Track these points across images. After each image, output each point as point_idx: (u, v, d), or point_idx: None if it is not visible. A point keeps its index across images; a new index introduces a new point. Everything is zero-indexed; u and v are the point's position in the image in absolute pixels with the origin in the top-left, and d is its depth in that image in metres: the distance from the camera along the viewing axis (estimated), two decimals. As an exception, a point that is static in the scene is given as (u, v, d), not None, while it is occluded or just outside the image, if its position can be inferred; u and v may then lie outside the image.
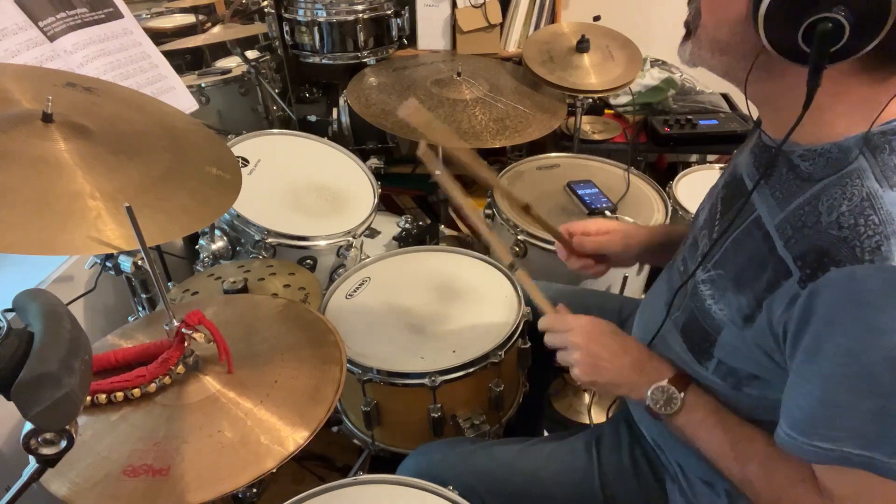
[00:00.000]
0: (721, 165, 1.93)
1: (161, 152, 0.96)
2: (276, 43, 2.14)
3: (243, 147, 1.59)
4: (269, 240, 1.40)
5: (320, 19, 2.01)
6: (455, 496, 0.87)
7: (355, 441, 1.25)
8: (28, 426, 0.54)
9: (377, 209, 1.61)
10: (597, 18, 1.99)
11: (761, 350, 0.70)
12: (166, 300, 0.84)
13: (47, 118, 0.85)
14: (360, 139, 2.20)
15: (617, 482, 0.93)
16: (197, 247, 1.44)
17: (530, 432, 1.47)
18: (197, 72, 2.09)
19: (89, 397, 0.81)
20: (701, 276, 0.79)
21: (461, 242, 2.04)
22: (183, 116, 1.12)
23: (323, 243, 1.46)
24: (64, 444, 0.55)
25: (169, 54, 1.48)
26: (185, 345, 0.85)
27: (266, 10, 2.09)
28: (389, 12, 2.08)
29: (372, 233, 1.62)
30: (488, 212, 1.64)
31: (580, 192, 1.63)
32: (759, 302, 0.68)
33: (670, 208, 1.61)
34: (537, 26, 2.25)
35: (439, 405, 1.12)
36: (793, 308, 0.63)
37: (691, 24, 0.73)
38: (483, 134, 1.67)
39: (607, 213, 1.55)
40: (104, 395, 0.81)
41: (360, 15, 2.01)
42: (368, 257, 1.43)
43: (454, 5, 2.17)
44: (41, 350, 0.52)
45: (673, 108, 2.24)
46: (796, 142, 0.69)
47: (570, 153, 1.88)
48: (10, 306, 0.59)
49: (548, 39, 1.97)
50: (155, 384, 0.83)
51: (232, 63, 2.18)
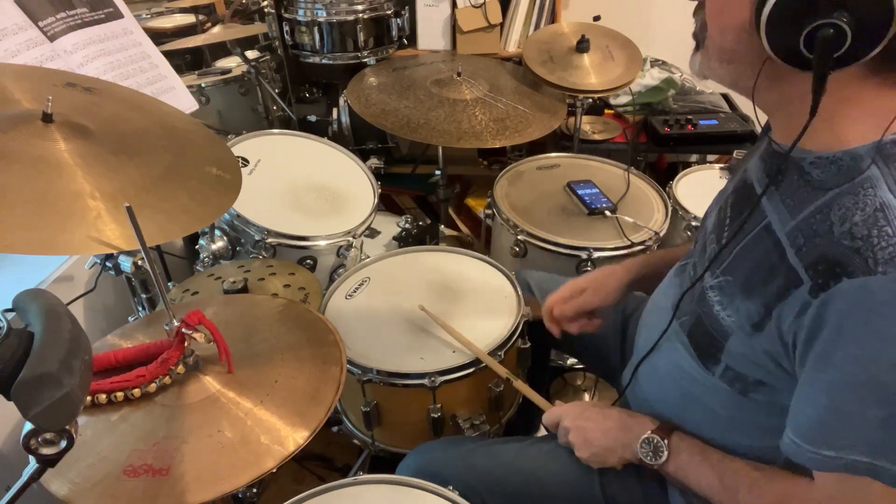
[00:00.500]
0: (721, 165, 1.92)
1: (161, 152, 0.96)
2: (276, 43, 2.14)
3: (243, 147, 1.59)
4: (269, 240, 1.40)
5: (320, 19, 2.01)
6: (455, 496, 0.87)
7: (355, 441, 1.25)
8: (28, 426, 0.54)
9: (377, 209, 1.61)
10: (597, 18, 1.99)
11: (769, 357, 0.70)
12: (166, 300, 0.84)
13: (47, 118, 0.85)
14: (360, 139, 2.20)
15: (617, 481, 0.93)
16: (197, 247, 1.44)
17: (530, 432, 1.47)
18: (197, 72, 2.09)
19: (89, 397, 0.81)
20: (709, 281, 0.78)
21: (461, 242, 2.04)
22: (183, 116, 1.12)
23: (323, 243, 1.46)
24: (64, 444, 0.55)
25: (169, 54, 1.48)
26: (185, 345, 0.85)
27: (266, 10, 2.09)
28: (389, 12, 2.08)
29: (372, 233, 1.63)
30: (488, 212, 1.64)
31: (580, 192, 1.63)
32: (769, 309, 0.68)
33: (670, 208, 1.61)
34: (537, 26, 2.25)
35: (439, 405, 1.12)
36: (804, 317, 0.63)
37: (699, 36, 0.73)
38: (483, 134, 1.67)
39: (607, 213, 1.55)
40: (104, 395, 0.81)
41: (360, 15, 2.01)
42: (368, 257, 1.43)
43: (454, 5, 2.17)
44: (41, 350, 0.52)
45: (673, 108, 2.24)
46: (808, 149, 0.68)
47: (570, 153, 1.88)
48: (10, 306, 0.59)
49: (548, 39, 1.97)
50: (155, 384, 0.83)
51: (232, 63, 2.18)
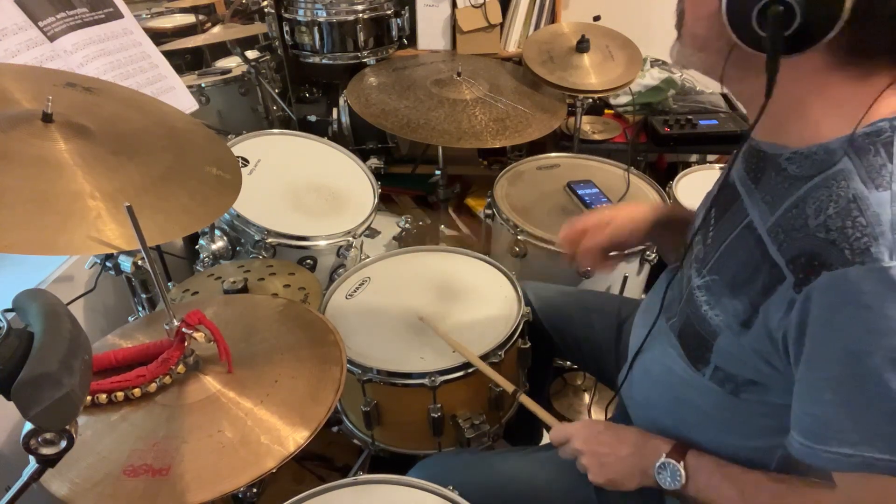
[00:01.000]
0: (721, 165, 1.93)
1: (161, 152, 0.96)
2: (276, 43, 2.15)
3: (243, 147, 1.59)
4: (269, 240, 1.40)
5: (320, 19, 2.01)
6: (455, 496, 0.87)
7: (355, 441, 1.25)
8: (28, 426, 0.54)
9: (377, 209, 1.61)
10: (597, 18, 1.99)
11: (759, 355, 0.70)
12: (166, 300, 0.84)
13: (47, 118, 0.85)
14: (360, 139, 2.20)
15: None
16: (197, 247, 1.44)
17: (530, 433, 1.47)
18: (197, 72, 2.09)
19: (89, 397, 0.81)
20: (696, 281, 0.79)
21: (461, 242, 2.04)
22: (183, 116, 1.12)
23: (323, 243, 1.46)
24: (64, 444, 0.55)
25: (169, 54, 1.48)
26: (186, 344, 0.85)
27: (266, 10, 2.09)
28: (389, 12, 2.08)
29: (372, 233, 1.63)
30: (488, 212, 1.64)
31: (580, 192, 1.63)
32: (755, 307, 0.68)
33: (670, 208, 1.61)
34: (537, 26, 2.25)
35: (439, 405, 1.12)
36: (791, 313, 0.63)
37: (678, 25, 0.74)
38: (483, 134, 1.67)
39: (607, 213, 1.55)
40: (104, 395, 0.81)
41: (360, 15, 2.01)
42: (368, 257, 1.43)
43: (454, 5, 2.17)
44: (41, 350, 0.52)
45: (673, 108, 2.24)
46: (784, 144, 0.69)
47: (570, 153, 1.87)
48: (10, 306, 0.59)
49: (548, 39, 1.97)
50: (155, 384, 0.83)
51: (232, 63, 2.18)
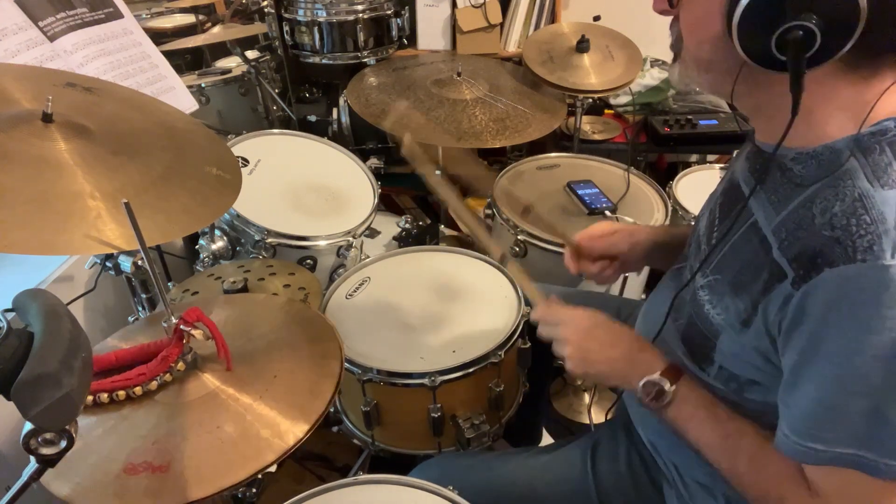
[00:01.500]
0: (721, 165, 1.93)
1: (161, 152, 0.96)
2: (276, 43, 2.15)
3: (243, 147, 1.59)
4: (269, 240, 1.40)
5: (320, 19, 2.01)
6: (455, 496, 0.87)
7: (355, 441, 1.25)
8: (28, 426, 0.54)
9: (377, 209, 1.61)
10: (597, 18, 1.99)
11: (759, 353, 0.71)
12: (166, 300, 0.84)
13: (47, 118, 0.85)
14: (360, 139, 2.20)
15: (613, 491, 0.93)
16: (197, 247, 1.44)
17: (530, 433, 1.47)
18: (197, 72, 2.10)
19: (91, 397, 0.81)
20: (700, 281, 0.79)
21: (461, 242, 2.04)
22: (183, 116, 1.12)
23: (323, 243, 1.46)
24: (64, 444, 0.55)
25: (169, 54, 1.48)
26: (184, 342, 0.85)
27: (266, 10, 2.09)
28: (389, 12, 2.08)
29: (372, 233, 1.63)
30: (488, 212, 1.64)
31: (580, 192, 1.63)
32: (755, 305, 0.68)
33: (670, 208, 1.61)
34: (537, 26, 2.25)
35: (439, 405, 1.12)
36: (786, 308, 0.64)
37: (675, 47, 0.74)
38: (483, 134, 1.67)
39: (607, 213, 1.55)
40: (106, 395, 0.82)
41: (360, 15, 2.01)
42: (368, 257, 1.43)
43: (454, 5, 2.17)
44: (41, 350, 0.52)
45: (673, 108, 2.24)
46: (789, 146, 0.69)
47: (570, 153, 1.88)
48: (10, 306, 0.59)
49: (548, 39, 1.97)
50: (156, 382, 0.83)
51: (232, 63, 2.18)
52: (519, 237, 1.49)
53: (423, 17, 2.23)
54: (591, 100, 2.27)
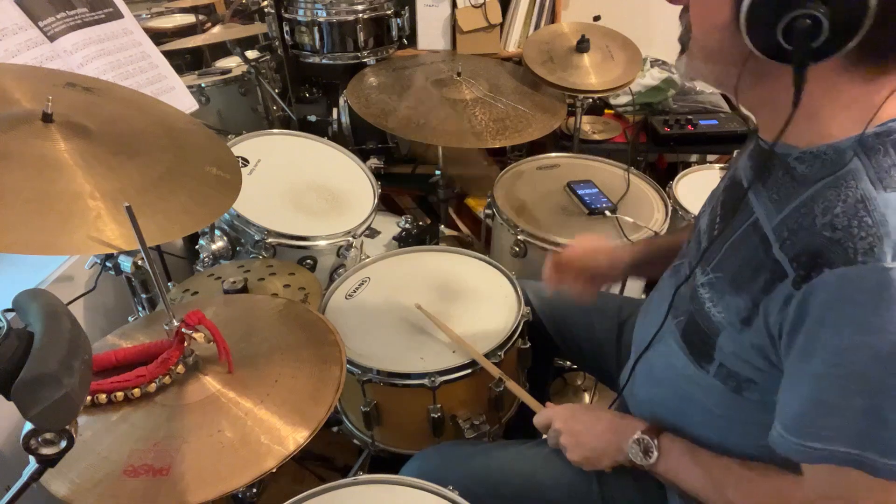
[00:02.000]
0: (721, 165, 1.93)
1: (161, 152, 0.96)
2: (276, 43, 2.14)
3: (243, 147, 1.59)
4: (269, 240, 1.40)
5: (320, 19, 2.01)
6: (455, 496, 0.87)
7: (355, 441, 1.25)
8: (28, 426, 0.54)
9: (377, 209, 1.61)
10: (597, 18, 1.99)
11: (758, 352, 0.71)
12: (166, 300, 0.84)
13: (47, 118, 0.85)
14: (360, 139, 2.20)
15: (615, 484, 0.93)
16: (197, 247, 1.44)
17: (530, 433, 1.47)
18: (197, 72, 2.09)
19: (89, 397, 0.81)
20: (700, 279, 0.79)
21: (461, 242, 2.04)
22: (183, 116, 1.13)
23: (323, 243, 1.46)
24: (64, 444, 0.55)
25: (169, 54, 1.48)
26: (185, 344, 0.85)
27: (266, 10, 2.09)
28: (389, 12, 2.08)
29: (372, 233, 1.63)
30: (488, 212, 1.64)
31: (580, 192, 1.63)
32: (756, 304, 0.68)
33: (670, 208, 1.61)
34: (537, 26, 2.25)
35: (439, 405, 1.12)
36: (787, 309, 0.64)
37: (683, 38, 0.74)
38: (483, 134, 1.67)
39: (607, 213, 1.55)
40: (104, 395, 0.81)
41: (360, 15, 2.01)
42: (368, 257, 1.43)
43: (454, 5, 2.17)
44: (41, 350, 0.52)
45: (673, 108, 2.24)
46: (793, 144, 0.69)
47: (570, 153, 1.87)
48: (10, 306, 0.59)
49: (548, 39, 1.97)
50: (155, 384, 0.83)
51: (232, 63, 2.18)
52: (519, 237, 1.49)
53: (423, 17, 2.23)
54: (591, 100, 2.26)
